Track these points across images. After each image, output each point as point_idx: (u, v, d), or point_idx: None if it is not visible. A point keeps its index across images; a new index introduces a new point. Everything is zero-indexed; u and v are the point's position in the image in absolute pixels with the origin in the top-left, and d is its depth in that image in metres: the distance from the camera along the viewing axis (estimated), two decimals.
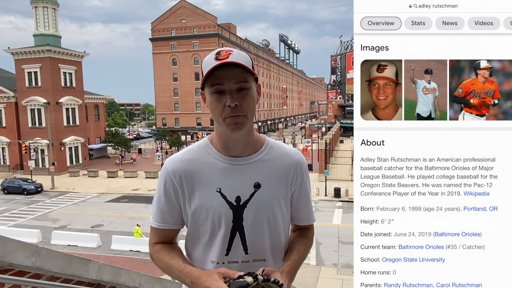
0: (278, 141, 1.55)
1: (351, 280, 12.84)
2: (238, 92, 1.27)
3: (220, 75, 1.26)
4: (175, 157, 1.43)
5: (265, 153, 1.43)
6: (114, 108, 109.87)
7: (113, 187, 32.98)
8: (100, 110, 53.84)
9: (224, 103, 1.26)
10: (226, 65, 1.25)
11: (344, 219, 21.63)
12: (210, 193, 1.36)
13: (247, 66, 1.27)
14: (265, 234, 1.40)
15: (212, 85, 1.27)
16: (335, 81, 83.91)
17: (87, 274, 2.67)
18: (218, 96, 1.27)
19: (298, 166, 1.45)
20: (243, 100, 1.28)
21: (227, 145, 1.38)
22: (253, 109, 1.33)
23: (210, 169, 1.38)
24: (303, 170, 1.48)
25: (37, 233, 19.59)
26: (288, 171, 1.43)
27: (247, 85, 1.29)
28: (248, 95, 1.29)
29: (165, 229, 1.44)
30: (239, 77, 1.27)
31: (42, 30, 41.78)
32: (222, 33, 70.37)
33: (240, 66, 1.26)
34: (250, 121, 1.34)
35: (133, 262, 16.05)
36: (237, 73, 1.26)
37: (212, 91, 1.28)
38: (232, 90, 1.26)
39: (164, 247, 1.44)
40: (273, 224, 1.40)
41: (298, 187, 1.46)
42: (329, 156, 35.96)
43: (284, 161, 1.44)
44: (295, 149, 1.53)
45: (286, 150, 1.48)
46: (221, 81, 1.26)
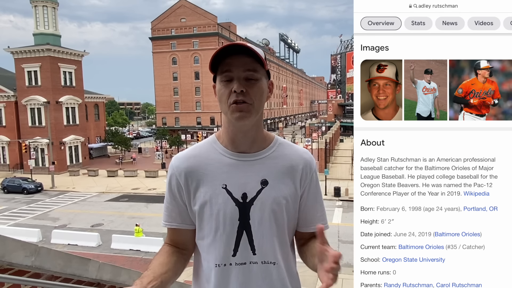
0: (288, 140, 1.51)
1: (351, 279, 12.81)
2: (247, 80, 1.26)
3: (230, 62, 1.25)
4: (181, 154, 1.41)
5: (273, 150, 1.39)
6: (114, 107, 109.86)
7: (113, 186, 32.98)
8: (100, 109, 53.79)
9: (231, 89, 1.25)
10: (237, 52, 1.24)
11: (344, 218, 21.65)
12: (216, 189, 1.32)
13: (258, 53, 1.25)
14: (273, 233, 1.34)
15: (222, 72, 1.26)
16: (335, 80, 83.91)
17: (87, 274, 2.67)
18: (226, 83, 1.26)
19: (308, 165, 1.41)
20: (250, 88, 1.26)
21: (235, 139, 1.35)
22: (261, 101, 1.30)
23: (215, 165, 1.34)
24: (313, 170, 1.43)
25: (37, 232, 19.60)
26: (297, 170, 1.38)
27: (256, 75, 1.27)
28: (256, 85, 1.27)
29: (173, 229, 1.40)
30: (248, 65, 1.25)
31: (42, 29, 41.73)
32: (222, 32, 70.31)
33: (250, 56, 1.25)
34: (256, 112, 1.30)
35: (133, 261, 16.05)
36: (247, 62, 1.25)
37: (221, 79, 1.27)
38: (240, 77, 1.25)
39: (164, 249, 1.40)
40: (280, 223, 1.35)
41: (307, 188, 1.41)
42: (329, 155, 35.97)
43: (293, 159, 1.39)
44: (305, 149, 1.48)
45: (295, 149, 1.44)
46: (230, 68, 1.25)
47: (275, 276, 1.35)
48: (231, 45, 1.24)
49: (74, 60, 43.52)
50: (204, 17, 68.83)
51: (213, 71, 1.30)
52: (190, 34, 68.82)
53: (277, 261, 1.35)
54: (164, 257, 1.36)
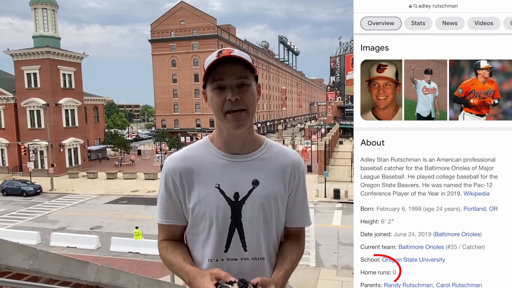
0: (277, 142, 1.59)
1: (350, 282, 12.82)
2: (239, 88, 1.31)
3: (222, 71, 1.29)
4: (176, 155, 1.47)
5: (264, 152, 1.46)
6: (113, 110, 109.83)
7: (113, 188, 32.94)
8: (99, 112, 53.79)
9: (225, 98, 1.30)
10: (228, 61, 1.28)
11: (344, 221, 21.62)
12: (209, 188, 1.39)
13: (248, 61, 1.30)
14: (263, 231, 1.41)
15: (214, 81, 1.31)
16: (334, 82, 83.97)
17: (85, 277, 2.65)
18: (219, 91, 1.31)
19: (296, 166, 1.48)
20: (244, 95, 1.31)
21: (227, 142, 1.41)
22: (254, 105, 1.36)
23: (209, 166, 1.41)
24: (301, 171, 1.51)
25: (36, 235, 19.56)
26: (286, 170, 1.45)
27: (247, 82, 1.32)
28: (248, 91, 1.33)
29: (169, 225, 1.46)
30: (240, 73, 1.30)
31: (41, 32, 41.78)
32: (221, 34, 70.42)
33: (241, 64, 1.30)
34: (251, 117, 1.37)
35: (132, 264, 16.00)
36: (238, 70, 1.30)
37: (214, 87, 1.32)
38: (233, 85, 1.30)
39: (169, 245, 1.47)
40: (270, 222, 1.42)
41: (295, 188, 1.49)
42: (329, 158, 35.96)
43: (283, 160, 1.47)
44: (294, 150, 1.56)
45: (284, 150, 1.51)
46: (222, 77, 1.30)
47: (266, 271, 1.41)
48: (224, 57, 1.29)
49: (74, 62, 43.53)
50: (203, 20, 68.93)
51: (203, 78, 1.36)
52: (190, 36, 68.91)
53: (268, 257, 1.43)
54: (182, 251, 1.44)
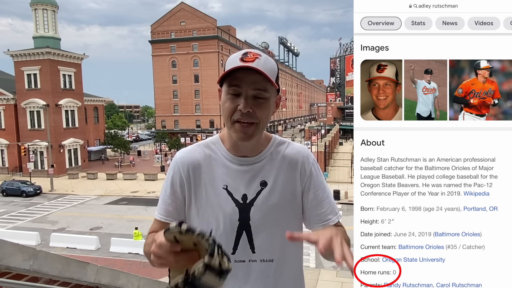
0: (285, 138, 1.51)
1: (350, 283, 12.80)
2: (254, 99, 1.23)
3: (240, 77, 1.21)
4: (186, 150, 1.41)
5: (271, 151, 1.41)
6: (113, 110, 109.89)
7: (112, 189, 32.93)
8: (100, 112, 53.82)
9: (237, 106, 1.22)
10: (249, 68, 1.20)
11: (344, 222, 21.32)
12: (217, 189, 1.34)
13: (268, 76, 1.21)
14: (274, 233, 1.35)
15: (230, 85, 1.23)
16: (334, 83, 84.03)
17: (85, 277, 2.66)
18: (233, 97, 1.23)
19: (305, 160, 1.41)
20: (258, 108, 1.24)
21: (236, 146, 1.36)
22: (266, 119, 1.28)
23: (218, 166, 1.36)
24: (311, 164, 1.42)
25: (36, 236, 19.55)
26: (295, 167, 1.40)
27: (265, 95, 1.24)
28: (263, 105, 1.25)
29: (166, 223, 1.37)
30: (259, 84, 1.22)
31: (41, 32, 41.83)
32: (221, 35, 70.45)
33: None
34: (260, 131, 1.30)
35: (131, 264, 16.00)
36: (258, 80, 1.21)
37: (228, 91, 1.24)
38: (248, 95, 1.22)
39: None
40: (283, 223, 1.36)
41: (308, 181, 1.41)
42: (329, 159, 35.97)
43: (291, 157, 1.41)
44: (302, 145, 1.49)
45: (292, 146, 1.45)
46: (239, 83, 1.22)
47: (276, 274, 1.36)
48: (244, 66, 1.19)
49: (74, 63, 43.57)
50: (203, 21, 68.98)
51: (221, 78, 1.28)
52: (190, 37, 68.97)
53: (278, 259, 1.37)
54: None
